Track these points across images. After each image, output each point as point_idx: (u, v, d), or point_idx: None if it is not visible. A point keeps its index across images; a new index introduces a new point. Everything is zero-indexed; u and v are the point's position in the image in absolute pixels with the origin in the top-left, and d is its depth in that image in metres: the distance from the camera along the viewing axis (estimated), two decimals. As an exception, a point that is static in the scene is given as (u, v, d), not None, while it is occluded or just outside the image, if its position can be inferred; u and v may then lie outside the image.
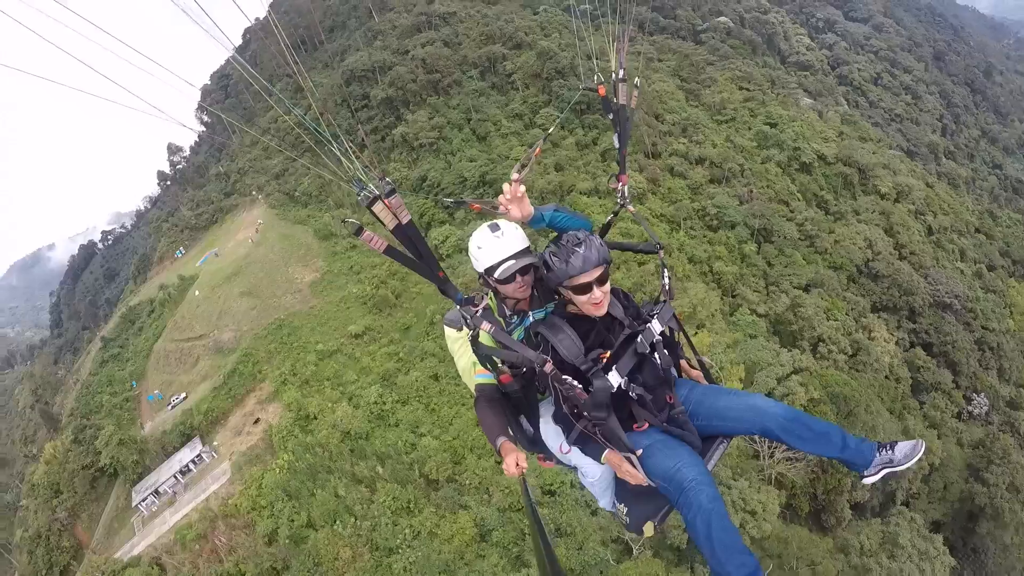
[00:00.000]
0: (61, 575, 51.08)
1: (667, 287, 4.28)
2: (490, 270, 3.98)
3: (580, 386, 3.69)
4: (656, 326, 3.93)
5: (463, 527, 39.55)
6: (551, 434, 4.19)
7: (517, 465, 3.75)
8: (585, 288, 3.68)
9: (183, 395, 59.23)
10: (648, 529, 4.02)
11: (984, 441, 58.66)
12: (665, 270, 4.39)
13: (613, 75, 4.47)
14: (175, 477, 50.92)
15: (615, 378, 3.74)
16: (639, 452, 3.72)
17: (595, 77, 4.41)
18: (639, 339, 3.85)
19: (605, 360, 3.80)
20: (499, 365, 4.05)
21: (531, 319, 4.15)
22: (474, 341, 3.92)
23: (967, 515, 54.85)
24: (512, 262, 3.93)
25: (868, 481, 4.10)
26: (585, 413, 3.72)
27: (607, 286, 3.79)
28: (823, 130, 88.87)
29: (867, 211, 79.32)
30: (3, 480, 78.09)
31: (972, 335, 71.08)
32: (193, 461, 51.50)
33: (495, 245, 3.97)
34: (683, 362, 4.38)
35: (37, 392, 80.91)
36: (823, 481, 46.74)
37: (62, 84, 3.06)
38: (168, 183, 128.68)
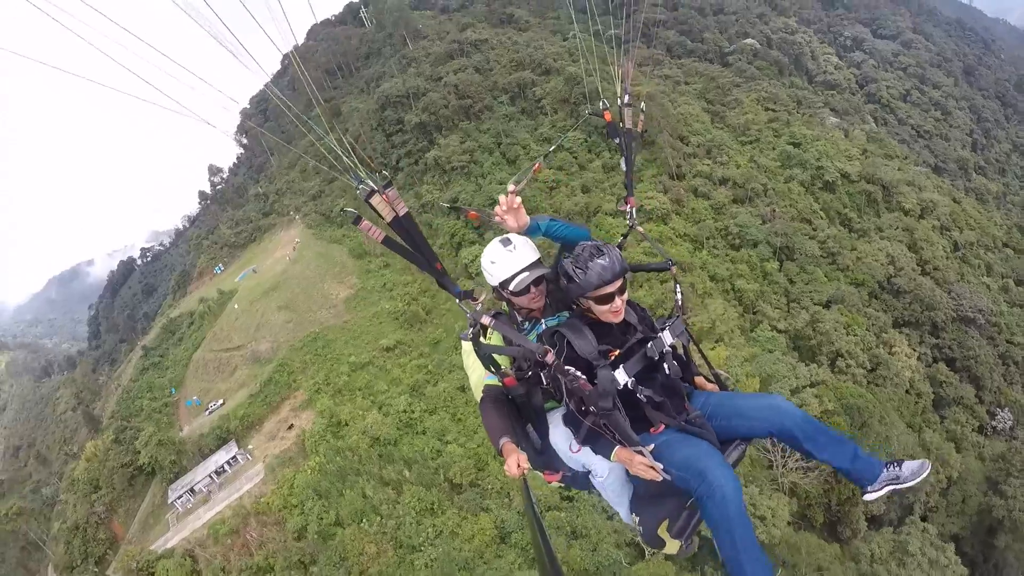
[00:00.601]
0: (96, 564, 53.68)
1: (679, 302, 4.46)
2: (504, 283, 4.12)
3: (584, 377, 3.76)
4: (667, 337, 4.08)
5: (484, 528, 41.75)
6: (561, 437, 4.23)
7: (519, 466, 3.82)
8: (607, 298, 3.84)
9: (221, 401, 62.68)
10: (669, 542, 4.02)
11: (1005, 454, 57.99)
12: (677, 286, 4.61)
13: (618, 100, 4.66)
14: (210, 477, 54.01)
15: (621, 375, 3.84)
16: (650, 447, 3.78)
17: (600, 103, 4.61)
18: (649, 345, 3.97)
19: (613, 357, 3.89)
20: (503, 367, 4.11)
21: (543, 325, 4.27)
22: (476, 340, 3.98)
23: (986, 529, 54.11)
24: (526, 274, 4.06)
25: (869, 497, 4.21)
26: (591, 407, 3.77)
27: (626, 294, 3.96)
28: (847, 148, 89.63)
29: (890, 228, 79.92)
30: (42, 477, 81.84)
31: (996, 349, 70.82)
32: (228, 462, 54.60)
33: (508, 258, 4.10)
34: (698, 379, 4.49)
35: (79, 396, 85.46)
36: (837, 492, 47.53)
37: (111, 88, 3.22)
38: (208, 202, 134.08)
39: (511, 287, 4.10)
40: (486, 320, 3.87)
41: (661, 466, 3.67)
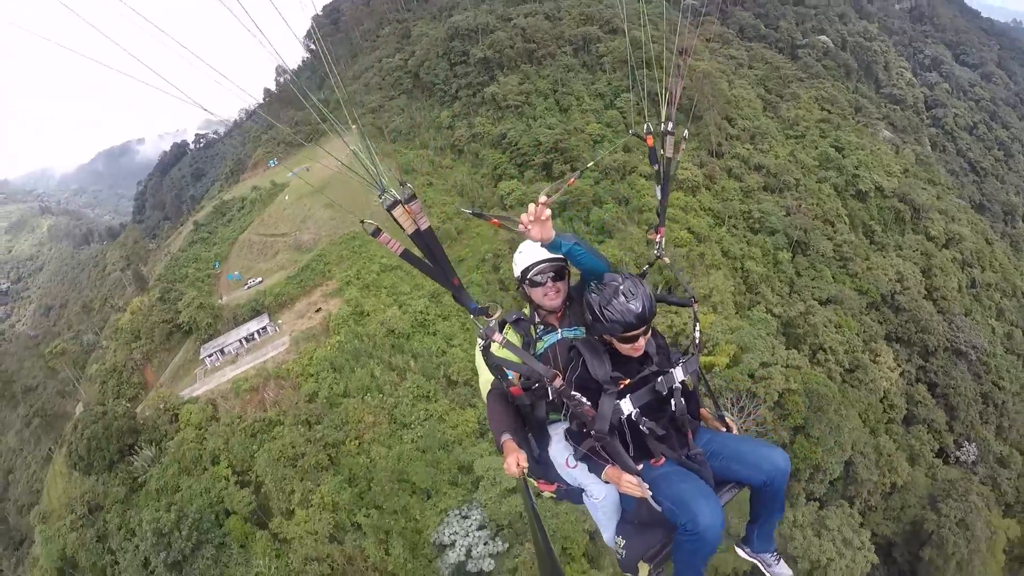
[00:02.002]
0: (129, 403, 60.61)
1: (697, 340, 4.44)
2: (526, 271, 4.38)
3: (588, 403, 3.86)
4: (679, 373, 4.08)
5: (468, 420, 48.93)
6: (559, 451, 4.39)
7: (518, 465, 3.93)
8: (631, 339, 3.85)
9: (260, 279, 70.36)
10: (643, 571, 4.18)
11: (956, 481, 60.66)
12: (696, 324, 4.55)
13: (661, 126, 4.60)
14: (240, 341, 61.75)
15: (627, 405, 3.91)
16: (639, 467, 3.92)
17: (644, 127, 4.54)
18: (660, 380, 4.00)
19: (623, 386, 3.96)
20: (508, 376, 4.23)
21: (559, 336, 4.44)
22: (486, 350, 4.11)
23: (919, 541, 57.59)
24: (547, 264, 4.34)
25: (739, 551, 4.68)
26: (592, 432, 3.89)
27: (649, 334, 3.97)
28: (889, 164, 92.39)
29: (910, 248, 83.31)
30: (83, 327, 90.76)
31: (980, 387, 73.61)
32: (258, 331, 62.30)
33: (534, 249, 4.34)
34: (703, 411, 4.59)
35: (128, 258, 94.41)
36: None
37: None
38: (271, 99, 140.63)
39: (531, 275, 4.34)
40: (498, 338, 3.93)
41: (647, 486, 3.83)
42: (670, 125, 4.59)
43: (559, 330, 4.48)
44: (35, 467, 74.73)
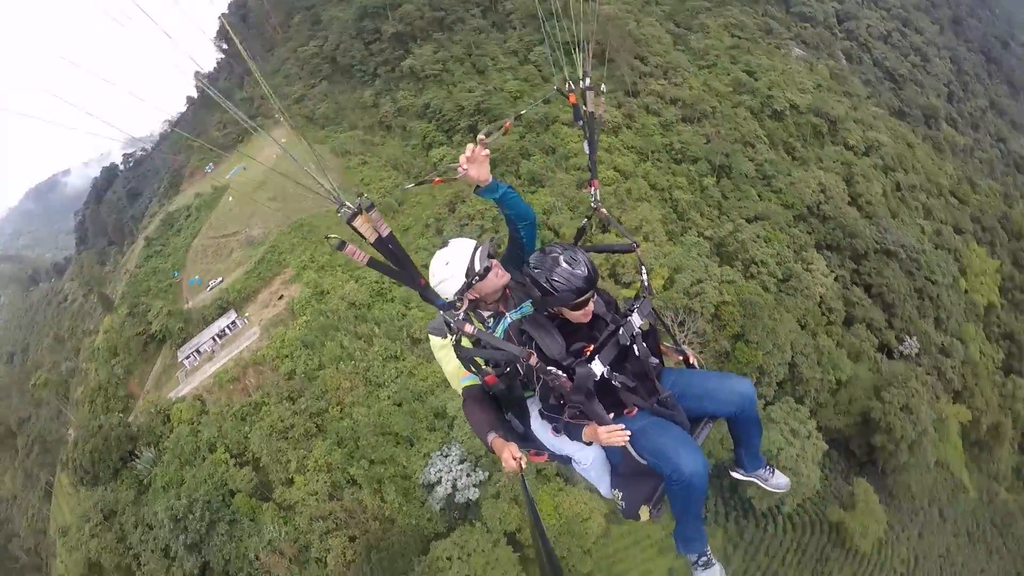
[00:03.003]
0: (120, 414, 64.35)
1: (646, 284, 4.67)
2: (469, 270, 4.39)
3: (565, 375, 4.05)
4: (636, 319, 4.36)
5: (435, 371, 53.80)
6: (540, 427, 4.66)
7: (515, 459, 4.18)
8: (581, 305, 4.10)
9: (220, 279, 74.88)
10: (644, 514, 4.52)
11: (901, 372, 64.54)
12: (643, 266, 4.75)
13: (581, 83, 4.76)
14: (213, 339, 66.42)
15: (598, 367, 4.13)
16: (620, 425, 4.17)
17: (567, 85, 4.74)
18: (620, 332, 4.27)
19: (588, 352, 4.18)
20: (483, 366, 4.37)
21: (508, 320, 4.55)
22: (457, 345, 4.21)
23: (870, 431, 61.85)
24: (479, 249, 4.47)
25: (734, 475, 5.23)
26: (570, 401, 4.13)
27: (595, 296, 4.21)
28: (801, 81, 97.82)
29: (830, 160, 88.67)
30: (58, 358, 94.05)
31: (914, 283, 78.29)
32: (228, 327, 67.01)
33: (456, 249, 4.49)
34: (663, 346, 4.88)
35: (89, 283, 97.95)
36: (728, 368, 58.36)
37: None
38: (194, 106, 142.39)
39: (477, 269, 4.40)
40: (469, 329, 4.05)
41: (623, 426, 4.13)
42: (587, 81, 4.77)
43: (507, 314, 4.60)
44: (36, 504, 78.60)
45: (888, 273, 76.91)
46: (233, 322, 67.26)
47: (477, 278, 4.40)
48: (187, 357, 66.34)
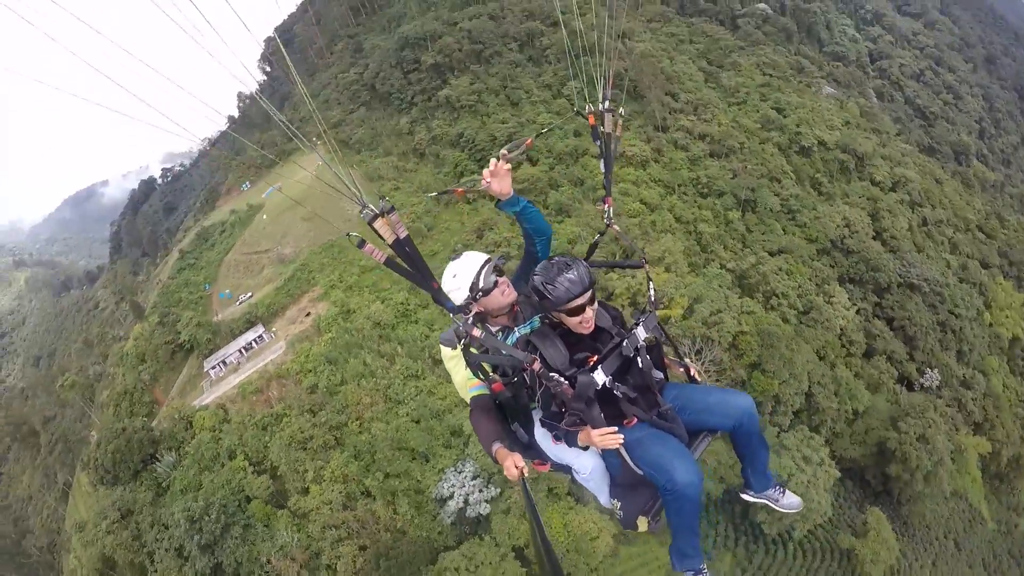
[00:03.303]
0: (144, 417, 67.11)
1: (652, 298, 4.88)
2: (473, 286, 4.49)
3: (567, 383, 4.18)
4: (641, 332, 4.49)
5: (454, 392, 55.59)
6: (543, 432, 4.75)
7: (516, 467, 4.23)
8: (578, 310, 4.21)
9: (249, 294, 77.52)
10: (642, 524, 4.64)
11: (919, 404, 64.46)
12: (651, 282, 5.01)
13: (600, 105, 4.99)
14: (240, 351, 68.63)
15: (600, 376, 4.24)
16: (616, 429, 4.27)
17: (586, 107, 4.98)
18: (624, 343, 4.39)
19: (592, 362, 4.31)
20: (491, 373, 4.52)
21: (517, 334, 4.62)
22: (466, 349, 4.32)
23: (885, 461, 62.24)
24: (487, 267, 4.54)
25: (745, 496, 5.24)
26: (571, 408, 4.24)
27: (595, 304, 4.34)
28: (830, 118, 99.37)
29: (856, 195, 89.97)
30: (86, 362, 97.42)
31: (936, 316, 78.40)
32: (255, 340, 69.22)
33: (466, 262, 4.59)
34: (667, 360, 4.97)
35: (121, 292, 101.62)
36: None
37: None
38: (235, 126, 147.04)
39: (481, 285, 4.49)
40: (477, 333, 4.22)
41: (616, 429, 4.25)
42: (607, 103, 4.97)
43: (515, 328, 4.67)
44: (52, 504, 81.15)
45: (911, 306, 77.41)
46: (260, 336, 69.46)
47: (481, 294, 4.51)
48: (213, 367, 68.61)
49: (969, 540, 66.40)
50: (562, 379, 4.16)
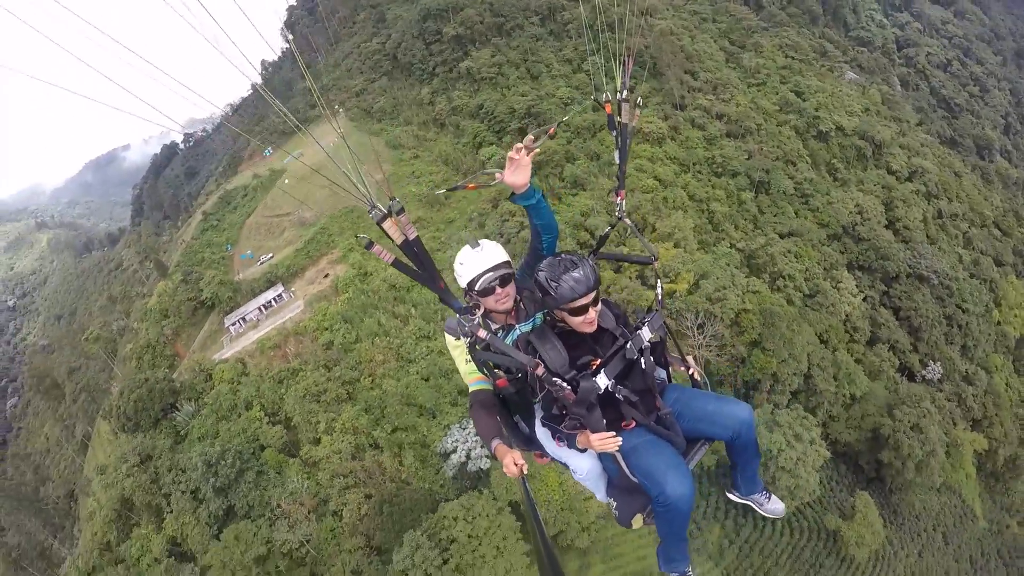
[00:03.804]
0: (166, 369, 70.94)
1: (659, 297, 4.80)
2: (471, 283, 4.47)
3: (569, 387, 4.12)
4: (646, 333, 4.39)
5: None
6: (542, 434, 4.78)
7: (516, 464, 4.20)
8: (581, 310, 4.11)
9: (270, 255, 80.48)
10: (637, 522, 4.71)
11: (916, 393, 65.14)
12: (659, 280, 4.92)
13: (617, 94, 4.87)
14: (260, 309, 71.64)
15: (603, 380, 4.19)
16: (615, 434, 4.24)
17: (604, 95, 4.86)
18: (628, 345, 4.31)
19: (595, 366, 4.24)
20: (495, 370, 4.45)
21: (518, 332, 4.57)
22: (471, 348, 4.29)
23: (879, 447, 62.65)
24: (491, 274, 4.43)
25: (731, 496, 5.29)
26: (571, 412, 4.21)
27: (599, 304, 4.25)
28: (849, 104, 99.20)
29: (871, 183, 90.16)
30: (109, 318, 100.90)
31: (944, 309, 78.18)
32: (275, 299, 72.15)
33: (475, 259, 4.48)
34: (668, 356, 4.86)
35: (145, 251, 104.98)
36: (742, 374, 61.60)
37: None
38: (256, 93, 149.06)
39: (477, 287, 4.45)
40: (482, 334, 4.19)
41: (614, 433, 4.21)
42: (625, 93, 4.87)
43: (516, 327, 4.65)
44: (71, 455, 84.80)
45: (918, 297, 77.56)
46: (279, 295, 72.35)
47: (475, 293, 4.50)
48: (233, 324, 71.67)
49: (958, 535, 67.19)
50: (564, 384, 4.13)
